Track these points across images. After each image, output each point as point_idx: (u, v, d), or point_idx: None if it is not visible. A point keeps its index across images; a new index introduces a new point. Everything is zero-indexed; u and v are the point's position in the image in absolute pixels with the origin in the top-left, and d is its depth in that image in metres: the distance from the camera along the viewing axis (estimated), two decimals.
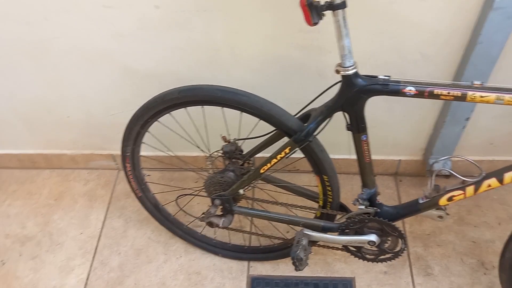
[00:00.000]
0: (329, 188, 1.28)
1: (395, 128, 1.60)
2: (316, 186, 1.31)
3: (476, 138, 1.61)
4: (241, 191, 1.32)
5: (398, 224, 1.26)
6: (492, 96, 0.98)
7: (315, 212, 1.39)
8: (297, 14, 0.98)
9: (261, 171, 1.24)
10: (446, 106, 1.47)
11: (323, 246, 1.43)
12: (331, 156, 1.25)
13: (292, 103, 1.23)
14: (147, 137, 1.39)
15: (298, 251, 1.25)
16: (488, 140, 1.63)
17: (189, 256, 1.63)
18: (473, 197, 1.69)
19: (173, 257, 1.63)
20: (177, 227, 1.62)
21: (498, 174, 1.10)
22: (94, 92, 1.59)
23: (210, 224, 1.38)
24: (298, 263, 1.26)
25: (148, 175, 1.53)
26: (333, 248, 1.41)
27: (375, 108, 1.52)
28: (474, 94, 0.99)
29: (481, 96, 0.99)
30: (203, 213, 1.39)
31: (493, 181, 1.11)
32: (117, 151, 1.45)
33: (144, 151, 1.47)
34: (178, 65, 1.45)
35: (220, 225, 1.36)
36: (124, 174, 1.49)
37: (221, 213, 1.39)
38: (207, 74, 1.44)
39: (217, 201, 1.35)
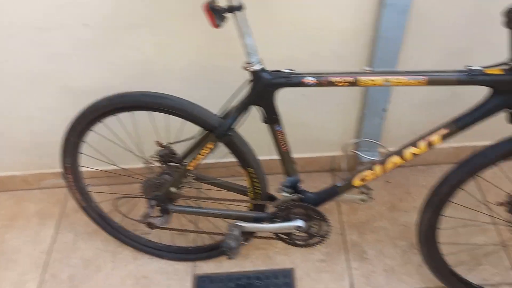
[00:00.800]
0: (256, 180, 1.37)
1: (323, 126, 1.72)
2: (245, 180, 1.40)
3: (398, 129, 1.74)
4: (173, 190, 1.40)
5: (334, 214, 1.36)
6: (380, 79, 1.10)
7: (247, 205, 1.48)
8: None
9: (189, 168, 1.33)
10: (364, 99, 1.60)
11: (264, 239, 1.51)
12: (261, 158, 1.35)
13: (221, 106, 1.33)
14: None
15: (228, 241, 1.33)
16: (411, 130, 1.73)
17: (137, 262, 1.68)
18: (405, 185, 1.84)
19: (121, 264, 1.68)
20: (124, 234, 1.67)
21: (400, 151, 1.22)
22: (39, 113, 1.66)
23: (149, 225, 1.45)
24: (230, 252, 1.34)
25: (90, 185, 1.59)
26: (269, 238, 1.49)
27: (301, 108, 1.64)
28: (364, 78, 1.11)
29: (371, 80, 1.11)
30: (141, 216, 1.46)
31: (396, 159, 1.23)
32: None
33: (93, 167, 1.54)
34: (114, 81, 1.54)
35: (158, 224, 1.43)
36: (67, 186, 1.55)
37: (159, 214, 1.46)
38: (142, 87, 1.53)
39: (153, 202, 1.42)
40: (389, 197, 1.81)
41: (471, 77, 1.06)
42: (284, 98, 1.59)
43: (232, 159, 1.35)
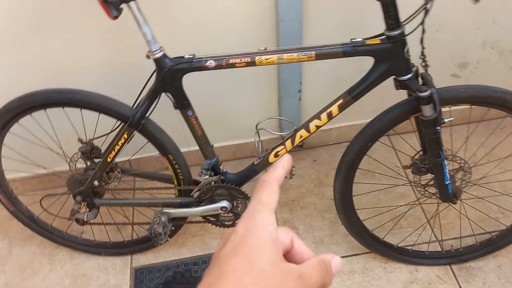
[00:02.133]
0: (177, 166, 1.42)
1: (244, 113, 1.78)
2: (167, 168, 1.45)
3: (315, 109, 1.81)
4: (95, 183, 1.43)
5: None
6: (274, 57, 1.18)
7: (173, 192, 1.52)
8: (122, 18, 1.12)
9: (108, 159, 1.36)
10: (279, 82, 1.68)
11: (199, 225, 1.56)
12: (183, 150, 1.40)
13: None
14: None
15: (154, 227, 1.37)
16: None
17: (74, 261, 1.70)
18: (331, 162, 1.92)
19: (58, 265, 1.69)
20: (58, 235, 1.68)
21: (305, 125, 1.30)
22: None
23: (77, 221, 1.47)
24: (158, 238, 1.39)
25: (16, 188, 1.59)
26: (202, 222, 1.54)
27: (222, 96, 1.70)
28: (260, 58, 1.18)
29: (266, 59, 1.18)
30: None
31: (303, 132, 1.31)
32: None
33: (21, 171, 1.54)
34: (29, 82, 1.53)
35: (85, 219, 1.45)
36: None
37: (87, 209, 1.49)
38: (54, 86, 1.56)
39: (78, 197, 1.45)
40: (316, 174, 1.90)
41: (354, 49, 1.15)
42: (205, 88, 1.66)
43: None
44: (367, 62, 1.20)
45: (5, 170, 1.53)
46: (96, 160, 1.47)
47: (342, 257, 1.60)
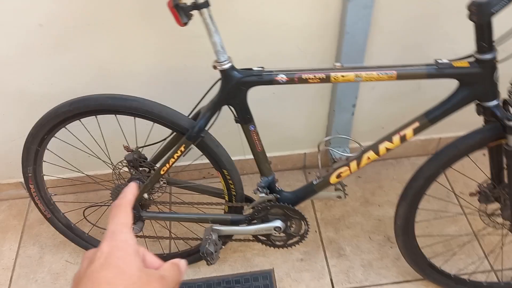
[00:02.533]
0: (230, 182, 1.34)
1: (293, 124, 1.70)
2: (219, 182, 1.37)
3: (367, 124, 1.74)
4: (145, 196, 1.35)
5: (310, 212, 1.34)
6: (352, 74, 1.09)
7: (223, 208, 1.44)
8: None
9: (161, 172, 1.28)
10: (333, 96, 1.59)
11: (241, 242, 1.48)
12: (233, 158, 1.32)
13: (190, 107, 1.29)
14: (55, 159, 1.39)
15: (207, 246, 1.29)
16: (379, 124, 1.77)
17: None
18: (376, 180, 1.84)
19: None
20: (94, 245, 1.61)
21: (374, 147, 1.22)
22: None
23: None
24: (209, 258, 1.31)
25: (55, 194, 1.52)
26: (249, 240, 1.46)
27: (270, 107, 1.62)
28: (336, 74, 1.10)
29: (342, 76, 1.10)
30: None
31: (371, 154, 1.22)
32: None
33: (55, 174, 1.47)
34: (73, 83, 1.47)
35: None
36: (30, 197, 1.47)
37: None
38: (102, 89, 1.47)
39: None
40: (361, 192, 1.81)
41: (439, 71, 1.07)
42: (254, 97, 1.57)
43: (204, 160, 1.32)
44: (425, 80, 1.11)
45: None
46: (140, 169, 1.40)
47: (393, 283, 1.55)
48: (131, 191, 0.52)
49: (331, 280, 1.56)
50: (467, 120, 1.19)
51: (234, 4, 1.32)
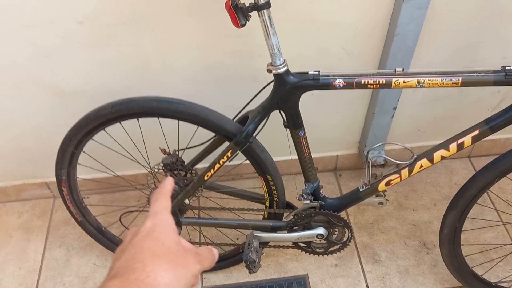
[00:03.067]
0: (273, 188, 1.29)
1: (328, 125, 1.66)
2: (261, 187, 1.32)
3: (404, 127, 1.70)
4: (186, 201, 1.30)
5: (343, 215, 1.30)
6: (414, 80, 1.05)
7: (262, 213, 1.40)
8: (223, 21, 0.99)
9: (205, 178, 1.23)
10: (374, 98, 1.55)
11: (274, 247, 1.44)
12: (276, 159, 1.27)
13: (228, 109, 1.24)
14: (82, 158, 1.34)
15: (250, 254, 1.25)
16: (416, 127, 1.73)
17: None
18: (409, 183, 1.80)
19: None
20: None
21: (428, 154, 1.17)
22: (22, 117, 1.51)
23: None
24: (252, 266, 1.26)
25: (88, 197, 1.47)
26: (283, 247, 1.42)
27: (307, 108, 1.55)
28: (397, 80, 1.05)
29: (404, 82, 1.05)
30: None
31: (424, 162, 1.18)
32: (51, 178, 1.39)
33: (81, 174, 1.42)
34: (109, 80, 1.41)
35: None
36: (62, 199, 1.42)
37: None
38: (140, 87, 1.42)
39: None
40: (394, 195, 1.78)
41: (508, 77, 1.02)
42: None
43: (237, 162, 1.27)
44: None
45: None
46: (176, 173, 1.35)
47: None
48: (169, 182, 0.58)
49: (367, 286, 1.53)
50: None
51: (285, 1, 1.27)
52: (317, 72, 1.08)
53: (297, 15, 1.31)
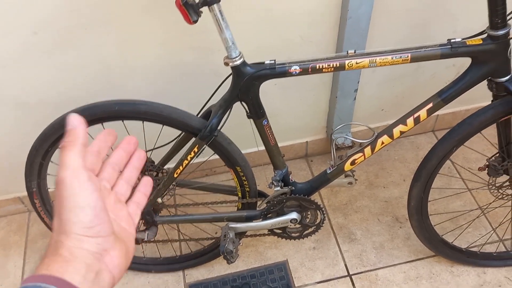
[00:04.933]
0: (244, 178, 1.32)
1: (294, 113, 1.69)
2: (232, 179, 1.35)
3: (368, 108, 1.75)
4: (159, 200, 1.32)
5: (316, 200, 1.34)
6: (366, 60, 1.09)
7: (236, 205, 1.42)
8: (180, 18, 1.01)
9: (175, 175, 1.25)
10: (335, 82, 1.59)
11: (252, 237, 1.47)
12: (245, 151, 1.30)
13: (194, 105, 1.26)
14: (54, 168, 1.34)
15: (226, 245, 1.28)
16: (379, 107, 1.78)
17: (122, 280, 1.58)
18: (378, 162, 1.85)
19: None
20: None
21: (388, 130, 1.22)
22: None
23: (136, 241, 1.36)
24: (229, 256, 1.29)
25: None
26: (261, 235, 1.46)
27: (272, 98, 1.60)
28: (350, 62, 1.09)
29: (357, 63, 1.09)
30: None
31: (385, 138, 1.23)
32: (24, 192, 1.38)
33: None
34: (71, 87, 1.41)
35: (145, 239, 1.35)
36: (35, 211, 1.41)
37: (144, 227, 1.38)
38: (104, 91, 1.42)
39: None
40: (365, 175, 1.83)
41: (453, 50, 1.07)
42: None
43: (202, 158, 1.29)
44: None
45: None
46: (148, 173, 1.36)
47: (406, 262, 1.57)
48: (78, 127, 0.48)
49: (346, 265, 1.58)
50: (468, 95, 1.19)
51: None
52: (273, 61, 1.11)
53: (252, 7, 1.33)
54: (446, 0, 1.45)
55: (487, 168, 1.36)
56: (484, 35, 1.07)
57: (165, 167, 1.36)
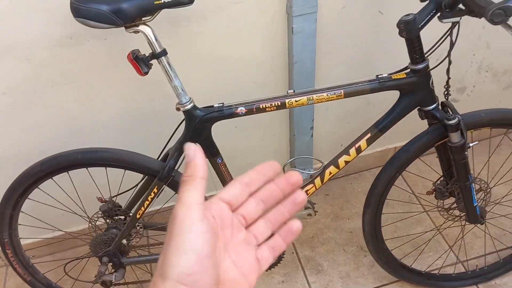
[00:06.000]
0: None
1: (256, 152, 1.79)
2: None
3: (326, 143, 1.86)
4: (124, 242, 1.38)
5: None
6: (304, 98, 1.20)
7: None
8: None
9: (137, 216, 1.33)
10: (292, 121, 1.70)
11: None
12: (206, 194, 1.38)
13: (157, 150, 1.35)
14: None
15: None
16: (337, 142, 1.88)
17: None
18: (343, 195, 1.94)
19: None
20: None
21: (334, 161, 1.32)
22: None
23: (104, 284, 1.41)
24: None
25: (33, 256, 1.52)
26: None
27: (234, 139, 1.70)
28: (290, 100, 1.20)
29: (296, 101, 1.20)
30: (95, 276, 1.42)
31: (332, 169, 1.32)
32: None
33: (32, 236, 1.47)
34: (41, 141, 1.50)
35: (113, 281, 1.40)
36: (7, 262, 1.46)
37: (113, 270, 1.43)
38: (71, 142, 1.50)
39: (105, 259, 1.39)
40: (331, 208, 1.91)
41: (381, 84, 1.19)
42: (218, 132, 1.66)
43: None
44: (372, 96, 1.24)
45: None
46: (116, 218, 1.43)
47: None
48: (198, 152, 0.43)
49: None
50: (417, 126, 1.30)
51: (187, 46, 1.41)
52: (221, 104, 1.22)
53: (203, 55, 1.45)
54: (383, 39, 1.60)
55: (434, 192, 1.46)
56: (408, 70, 1.19)
57: (133, 210, 1.44)
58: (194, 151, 0.43)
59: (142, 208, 1.31)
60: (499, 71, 1.81)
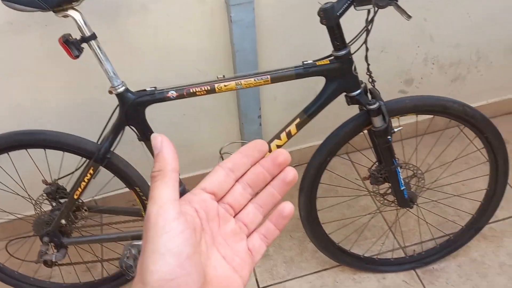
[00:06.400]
0: (144, 198, 1.44)
1: (209, 141, 1.83)
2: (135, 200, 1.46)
3: (276, 131, 1.89)
4: (63, 222, 1.42)
5: None
6: (233, 83, 1.24)
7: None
8: (80, 60, 1.16)
9: (75, 197, 1.37)
10: (239, 110, 1.75)
11: None
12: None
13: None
14: None
15: (125, 259, 1.38)
16: None
17: None
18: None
19: None
20: (25, 282, 1.63)
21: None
22: None
23: (45, 263, 1.45)
24: (129, 271, 1.38)
25: None
26: None
27: (186, 129, 1.75)
28: (219, 85, 1.24)
29: (225, 85, 1.24)
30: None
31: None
32: None
33: None
34: None
35: (54, 260, 1.43)
36: None
37: (55, 250, 1.47)
38: (15, 128, 1.55)
39: (46, 238, 1.43)
40: None
41: (306, 70, 1.23)
42: (165, 120, 1.70)
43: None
44: (319, 85, 1.28)
45: None
46: (62, 201, 1.47)
47: (312, 273, 1.67)
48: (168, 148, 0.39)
49: (256, 280, 1.67)
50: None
51: (129, 38, 1.46)
52: (154, 88, 1.26)
53: (146, 45, 1.49)
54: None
55: (369, 178, 1.50)
56: (332, 57, 1.24)
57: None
58: (161, 142, 0.39)
59: (79, 189, 1.35)
60: (445, 63, 1.86)
